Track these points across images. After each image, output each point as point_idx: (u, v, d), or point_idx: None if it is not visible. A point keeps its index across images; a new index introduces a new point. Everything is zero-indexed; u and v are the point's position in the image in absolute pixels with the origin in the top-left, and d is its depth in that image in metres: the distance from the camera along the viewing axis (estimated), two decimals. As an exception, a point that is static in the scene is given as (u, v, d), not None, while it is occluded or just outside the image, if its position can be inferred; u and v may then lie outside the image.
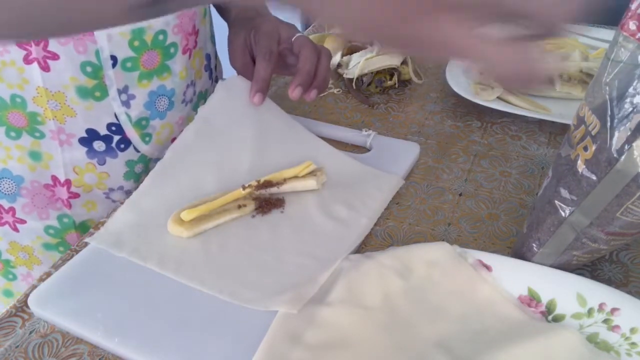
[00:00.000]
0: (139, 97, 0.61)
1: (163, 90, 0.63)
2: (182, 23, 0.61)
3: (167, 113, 0.65)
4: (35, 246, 0.66)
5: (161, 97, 0.63)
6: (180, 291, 0.49)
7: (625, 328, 0.43)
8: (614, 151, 0.40)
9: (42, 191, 0.63)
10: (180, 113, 0.67)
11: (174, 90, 0.64)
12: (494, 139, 0.70)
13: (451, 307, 0.47)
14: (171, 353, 0.44)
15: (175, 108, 0.66)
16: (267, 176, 0.58)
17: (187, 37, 0.63)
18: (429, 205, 0.59)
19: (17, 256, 0.67)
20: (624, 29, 0.40)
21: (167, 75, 0.62)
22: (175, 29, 0.60)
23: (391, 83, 0.79)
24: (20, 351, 0.45)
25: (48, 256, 0.67)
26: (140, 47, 0.58)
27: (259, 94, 0.63)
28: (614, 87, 0.40)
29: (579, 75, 0.75)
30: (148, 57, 0.60)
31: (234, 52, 0.68)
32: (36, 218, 0.64)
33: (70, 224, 0.66)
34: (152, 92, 0.62)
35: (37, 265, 0.67)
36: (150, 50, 0.59)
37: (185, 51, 0.63)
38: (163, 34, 0.59)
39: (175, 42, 0.61)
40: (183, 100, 0.66)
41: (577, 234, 0.45)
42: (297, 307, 0.45)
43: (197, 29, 0.64)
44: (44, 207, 0.64)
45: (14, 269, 0.68)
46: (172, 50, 0.61)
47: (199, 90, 0.69)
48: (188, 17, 0.62)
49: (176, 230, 0.53)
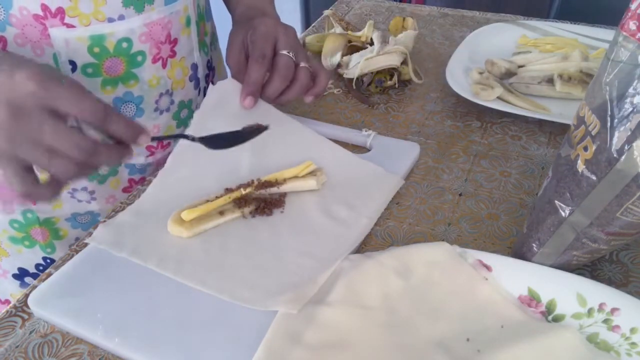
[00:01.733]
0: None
1: (130, 97, 0.62)
2: (152, 32, 0.59)
3: (135, 119, 0.63)
4: (2, 239, 0.66)
5: (127, 103, 0.62)
6: (180, 291, 0.49)
7: (625, 328, 0.43)
8: (614, 151, 0.40)
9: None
10: (155, 122, 0.66)
11: (142, 97, 0.63)
12: (494, 139, 0.70)
13: (451, 307, 0.47)
14: (171, 353, 0.44)
15: (145, 115, 0.64)
16: (267, 176, 0.58)
17: (159, 45, 0.61)
18: (429, 205, 0.59)
19: None
20: (624, 29, 0.40)
21: (134, 83, 0.61)
22: (143, 37, 0.59)
23: (391, 83, 0.79)
24: (20, 351, 0.45)
25: (15, 249, 0.67)
26: (101, 54, 0.57)
27: (250, 97, 0.63)
28: (614, 87, 0.40)
29: (579, 75, 0.75)
30: (111, 64, 0.58)
31: (231, 51, 0.68)
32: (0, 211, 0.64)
33: (34, 219, 0.65)
34: (117, 98, 0.61)
35: (5, 257, 0.68)
36: (112, 57, 0.58)
37: (157, 60, 0.62)
38: (127, 41, 0.58)
39: (142, 50, 0.60)
40: (156, 108, 0.65)
41: (577, 234, 0.45)
42: (297, 307, 0.45)
43: (174, 38, 0.63)
44: (9, 202, 0.64)
45: None
46: (140, 58, 0.60)
47: (179, 100, 0.67)
48: (160, 26, 0.60)
49: (176, 230, 0.53)
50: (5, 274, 0.69)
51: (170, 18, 0.61)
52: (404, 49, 0.79)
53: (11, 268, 0.69)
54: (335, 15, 0.94)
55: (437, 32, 0.98)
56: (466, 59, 0.82)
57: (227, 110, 0.65)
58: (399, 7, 1.08)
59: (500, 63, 0.77)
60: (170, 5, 0.61)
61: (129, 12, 0.57)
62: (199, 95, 0.71)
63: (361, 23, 0.99)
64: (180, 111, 0.68)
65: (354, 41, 0.84)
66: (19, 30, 0.53)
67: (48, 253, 0.68)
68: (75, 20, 0.54)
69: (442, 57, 0.88)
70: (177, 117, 0.68)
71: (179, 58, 0.65)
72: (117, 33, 0.57)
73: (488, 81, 0.74)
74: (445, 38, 0.96)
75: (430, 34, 0.97)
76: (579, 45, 0.84)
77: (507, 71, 0.77)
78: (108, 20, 0.56)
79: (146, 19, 0.58)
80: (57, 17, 0.53)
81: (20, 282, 0.70)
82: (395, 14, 1.05)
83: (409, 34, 0.83)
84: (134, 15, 0.57)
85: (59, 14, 0.53)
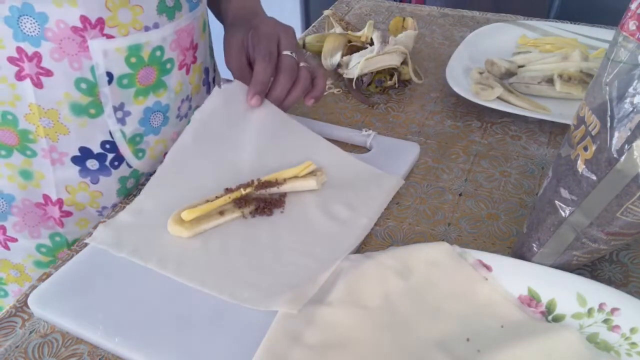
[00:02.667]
0: (134, 113, 0.60)
1: (158, 107, 0.62)
2: (180, 39, 0.60)
3: (161, 129, 0.63)
4: (27, 264, 0.65)
5: (156, 113, 0.62)
6: (180, 291, 0.49)
7: (625, 328, 0.43)
8: (614, 151, 0.40)
9: (34, 210, 0.61)
10: (174, 128, 0.66)
11: (168, 106, 0.63)
12: (494, 139, 0.70)
13: (451, 307, 0.47)
14: (171, 353, 0.44)
15: (169, 123, 0.64)
16: (267, 176, 0.58)
17: (185, 52, 0.61)
18: (429, 205, 0.59)
19: (8, 273, 0.65)
20: (624, 29, 0.40)
21: (163, 92, 0.61)
22: (173, 44, 0.59)
23: (391, 83, 0.79)
24: (20, 351, 0.45)
25: (40, 273, 0.64)
26: (137, 64, 0.57)
27: (257, 96, 0.62)
28: (614, 87, 0.40)
29: (579, 75, 0.75)
30: (145, 74, 0.58)
31: (230, 53, 0.67)
32: (27, 236, 0.63)
33: (62, 242, 0.64)
34: (147, 108, 0.60)
35: (28, 283, 0.65)
36: (147, 67, 0.58)
37: (182, 66, 0.62)
38: (160, 50, 0.58)
39: (172, 57, 0.60)
40: (177, 115, 0.65)
41: (577, 234, 0.45)
42: (297, 307, 0.45)
43: (195, 43, 0.63)
44: (36, 226, 0.62)
45: (5, 286, 0.67)
46: (169, 66, 0.60)
47: (195, 105, 0.67)
48: (186, 33, 0.60)
49: (176, 230, 0.53)
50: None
51: (193, 24, 0.61)
52: (404, 49, 0.79)
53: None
54: (335, 15, 0.94)
55: (437, 32, 0.98)
56: (466, 59, 0.82)
57: (230, 110, 0.64)
58: (399, 7, 1.08)
59: (500, 63, 0.77)
60: (194, 11, 0.61)
61: (162, 20, 0.57)
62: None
63: (361, 23, 0.99)
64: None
65: (354, 41, 0.84)
66: (55, 45, 0.52)
67: None
68: (114, 31, 0.54)
69: (442, 57, 0.88)
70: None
71: (199, 63, 0.65)
72: (152, 42, 0.57)
73: (488, 81, 0.74)
74: (445, 38, 0.96)
75: (430, 34, 0.97)
76: (579, 45, 0.84)
77: (507, 71, 0.77)
78: (144, 29, 0.56)
79: (176, 26, 0.59)
80: (96, 28, 0.52)
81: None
82: (395, 14, 1.05)
83: (409, 34, 0.83)
84: (167, 23, 0.57)
85: (99, 25, 0.52)
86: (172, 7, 0.58)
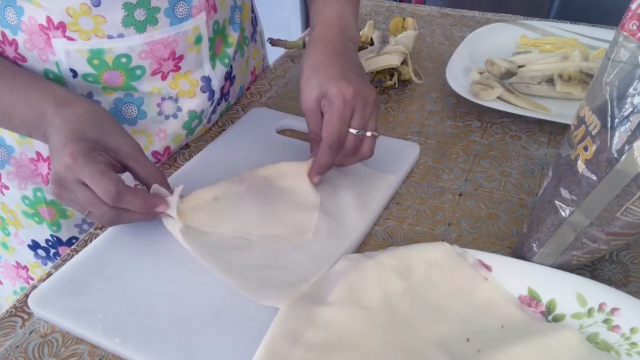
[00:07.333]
0: (104, 102, 0.61)
1: (130, 99, 0.62)
2: (154, 50, 0.60)
3: (137, 121, 0.64)
4: (17, 211, 0.69)
5: (128, 104, 0.63)
6: (180, 291, 0.49)
7: (625, 328, 0.43)
8: (614, 151, 0.40)
9: (27, 164, 0.65)
10: (160, 125, 0.65)
11: (142, 99, 0.63)
12: (494, 139, 0.70)
13: (451, 307, 0.47)
14: (171, 353, 0.44)
15: (148, 118, 0.64)
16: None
17: (161, 62, 0.61)
18: (429, 205, 0.59)
19: (7, 216, 0.71)
20: (624, 29, 0.40)
21: (134, 92, 0.62)
22: (143, 54, 0.59)
23: (391, 83, 0.79)
24: (20, 351, 0.45)
25: (27, 223, 0.70)
26: (100, 66, 0.58)
27: (318, 176, 0.59)
28: (614, 87, 0.40)
29: (579, 75, 0.75)
30: (110, 76, 0.59)
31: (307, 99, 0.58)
32: (16, 186, 0.67)
33: (42, 199, 0.67)
34: (117, 99, 0.62)
35: (21, 228, 0.70)
36: (111, 70, 0.59)
37: (156, 73, 0.62)
38: (126, 57, 0.59)
39: (142, 65, 0.60)
40: (160, 112, 0.65)
41: (577, 234, 0.45)
42: (286, 303, 0.45)
43: (179, 55, 0.62)
44: (25, 179, 0.66)
45: (8, 226, 0.72)
46: (139, 72, 0.61)
47: (189, 109, 0.66)
48: (163, 45, 0.60)
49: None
50: (22, 243, 0.72)
51: (175, 37, 0.61)
52: (404, 49, 0.79)
53: (26, 239, 0.71)
54: (335, 15, 0.93)
55: (437, 32, 0.98)
56: (466, 59, 0.82)
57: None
58: (399, 7, 1.08)
59: (500, 63, 0.77)
60: (178, 25, 0.60)
61: (129, 32, 0.57)
62: (211, 106, 0.69)
63: (361, 23, 0.99)
64: (192, 121, 0.67)
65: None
66: (27, 37, 0.57)
67: (54, 231, 0.69)
68: (75, 35, 0.56)
69: (442, 57, 0.88)
70: (188, 126, 0.67)
71: (184, 72, 0.64)
72: (116, 49, 0.58)
73: (488, 81, 0.75)
74: (445, 38, 0.96)
75: (430, 34, 0.97)
76: (579, 45, 0.84)
77: (507, 71, 0.77)
78: (107, 37, 0.57)
79: (147, 38, 0.59)
80: (59, 30, 0.56)
81: (34, 253, 0.72)
82: (395, 14, 1.05)
83: (409, 34, 0.83)
84: (134, 34, 0.58)
85: (61, 27, 0.56)
86: (142, 21, 0.57)
